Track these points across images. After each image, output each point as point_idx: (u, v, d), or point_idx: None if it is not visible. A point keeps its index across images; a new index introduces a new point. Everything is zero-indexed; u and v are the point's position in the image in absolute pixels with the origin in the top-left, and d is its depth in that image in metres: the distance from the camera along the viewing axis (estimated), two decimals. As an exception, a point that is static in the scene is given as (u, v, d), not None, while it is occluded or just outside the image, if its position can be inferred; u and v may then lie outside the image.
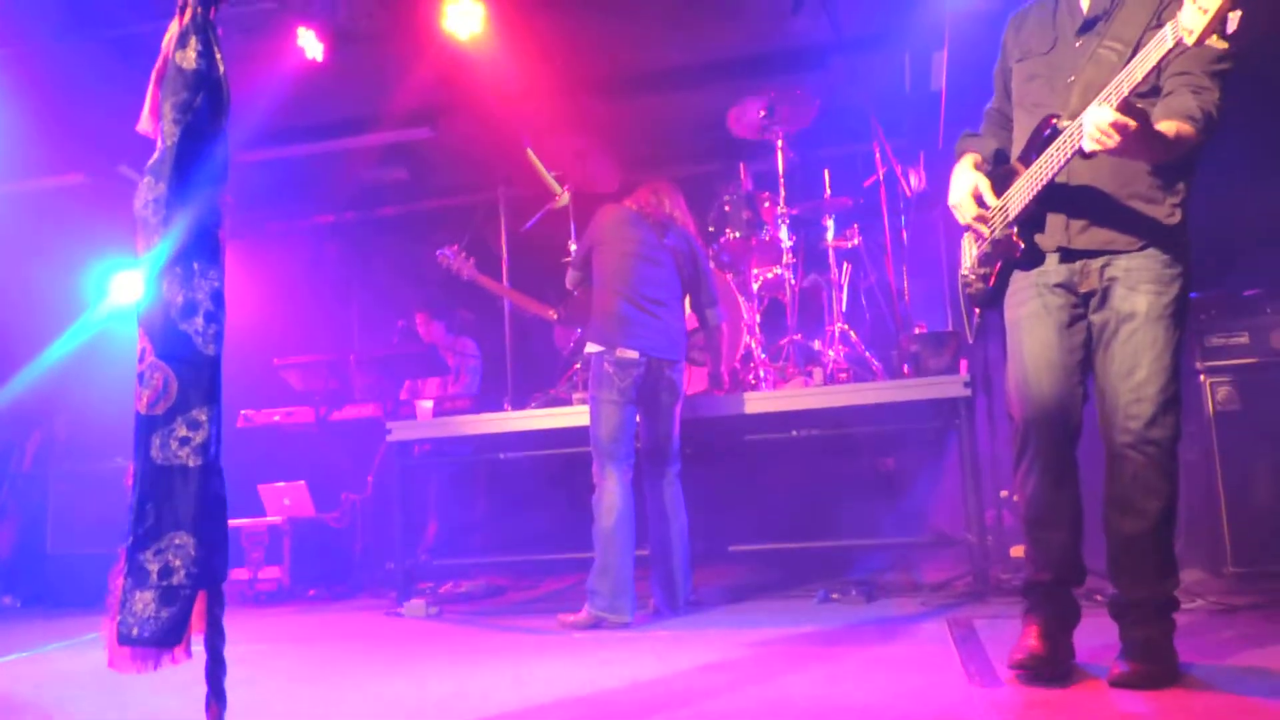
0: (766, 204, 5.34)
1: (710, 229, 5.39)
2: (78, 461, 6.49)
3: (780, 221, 5.25)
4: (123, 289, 7.03)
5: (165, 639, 2.00)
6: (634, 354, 4.03)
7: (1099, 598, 3.27)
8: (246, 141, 6.21)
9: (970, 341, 2.98)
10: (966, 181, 2.71)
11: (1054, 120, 2.49)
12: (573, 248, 5.14)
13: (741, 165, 5.59)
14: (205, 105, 2.26)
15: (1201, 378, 4.13)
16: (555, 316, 4.92)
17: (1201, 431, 4.12)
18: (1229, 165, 3.53)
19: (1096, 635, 2.67)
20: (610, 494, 3.98)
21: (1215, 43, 2.02)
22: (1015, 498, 2.82)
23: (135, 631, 2.00)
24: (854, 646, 3.25)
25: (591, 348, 4.11)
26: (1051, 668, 2.49)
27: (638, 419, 4.17)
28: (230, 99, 2.33)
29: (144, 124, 2.34)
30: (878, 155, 5.57)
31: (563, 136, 5.75)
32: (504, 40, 5.58)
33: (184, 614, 2.03)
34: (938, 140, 5.74)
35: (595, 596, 3.90)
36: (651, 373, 4.08)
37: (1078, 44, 2.58)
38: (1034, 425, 2.60)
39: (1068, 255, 2.56)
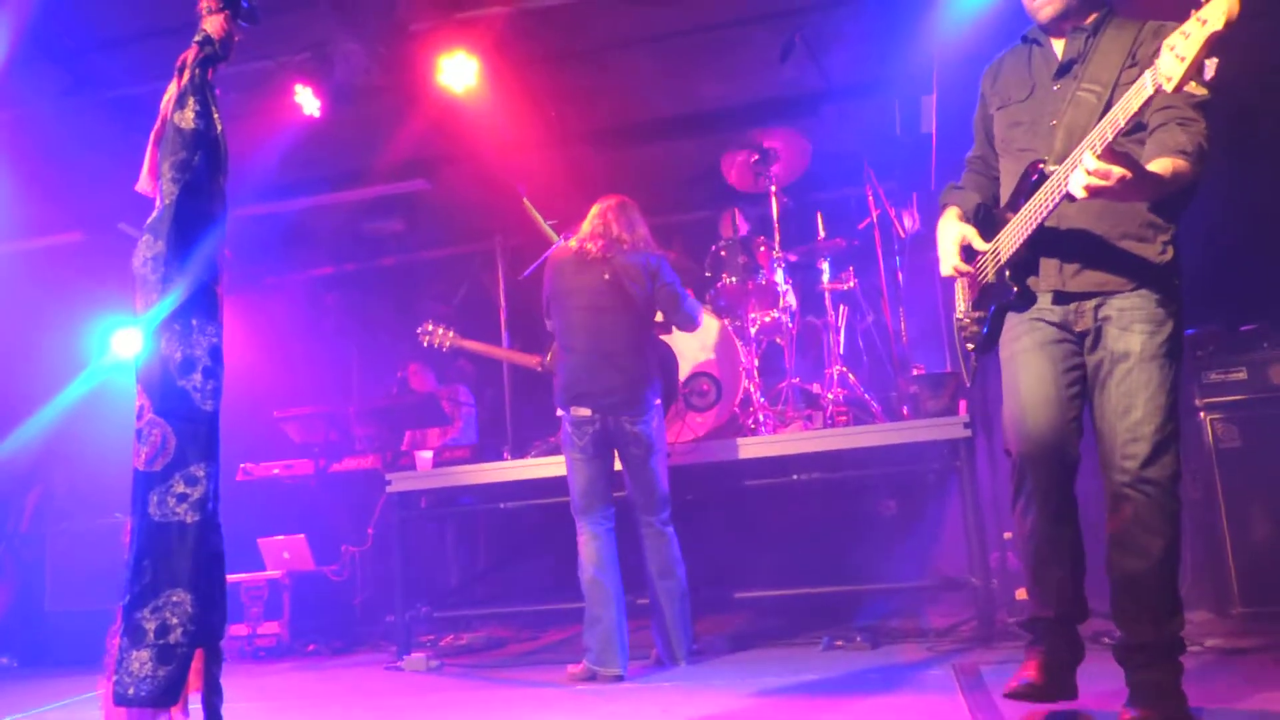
0: (762, 248, 5.38)
1: (707, 274, 5.42)
2: (76, 518, 6.46)
3: (776, 265, 5.28)
4: (122, 346, 7.04)
5: (162, 699, 1.99)
6: (586, 412, 4.00)
7: (1106, 640, 3.24)
8: (245, 196, 6.27)
9: (968, 384, 2.98)
10: (953, 233, 2.75)
11: (1040, 165, 2.52)
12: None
13: (736, 211, 5.64)
14: (203, 164, 2.30)
15: (1201, 415, 4.12)
16: (540, 366, 4.93)
17: (1203, 469, 4.10)
18: (1221, 197, 3.56)
19: (1103, 680, 2.64)
20: (585, 547, 4.01)
21: (1194, 89, 2.05)
22: (1009, 535, 2.82)
23: (132, 691, 1.99)
24: (859, 696, 3.21)
25: (559, 409, 4.12)
26: (1048, 697, 2.46)
27: (620, 469, 4.14)
28: (228, 157, 2.36)
29: (143, 183, 2.37)
30: (871, 198, 5.62)
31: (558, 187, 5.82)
32: (498, 93, 5.66)
33: (181, 673, 2.01)
34: (930, 181, 5.80)
35: (587, 650, 3.89)
36: (608, 429, 4.00)
37: (1056, 88, 2.62)
38: (1030, 460, 2.60)
39: (1061, 298, 2.57)
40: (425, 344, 5.12)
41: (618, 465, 4.15)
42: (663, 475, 4.09)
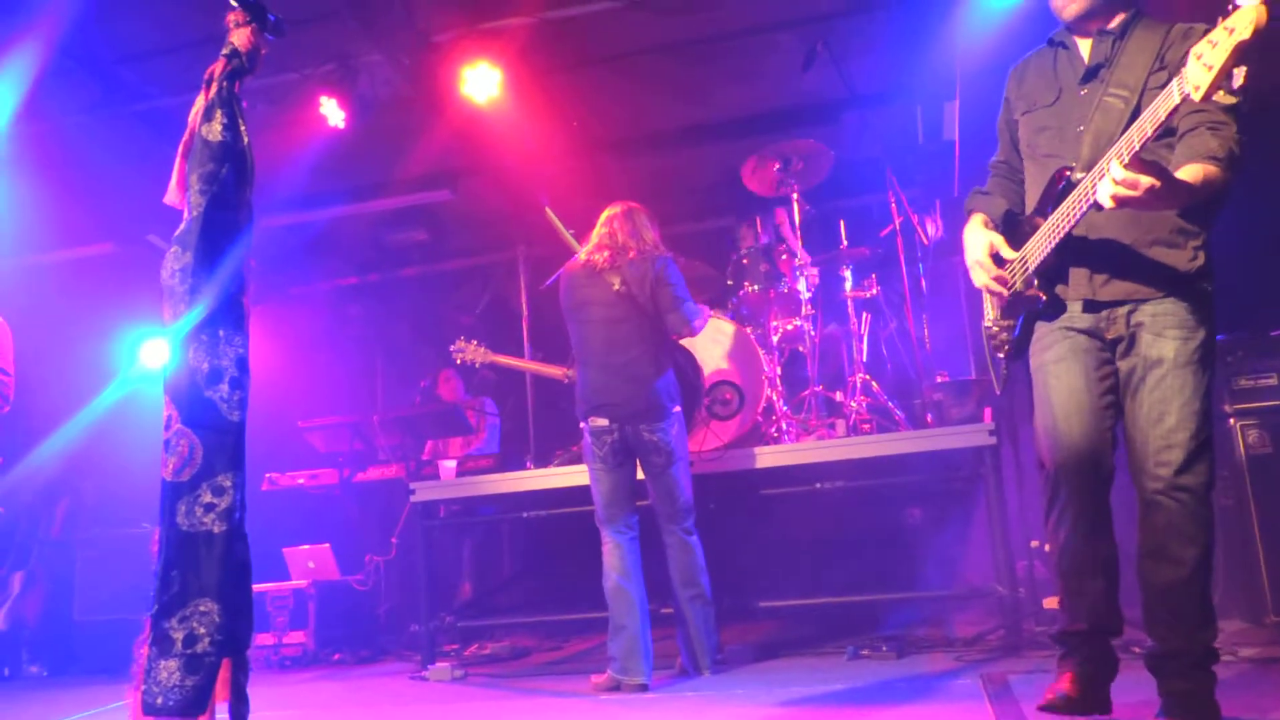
0: (784, 256, 5.36)
1: (729, 282, 5.41)
2: (105, 527, 6.52)
3: (798, 273, 5.27)
4: (151, 356, 7.12)
5: (190, 708, 2.00)
6: (604, 422, 4.02)
7: (1136, 650, 3.20)
8: (271, 207, 6.33)
9: (998, 392, 2.95)
10: (981, 240, 2.71)
11: (1067, 173, 2.49)
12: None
13: (758, 219, 5.63)
14: (230, 176, 2.32)
15: (1231, 421, 4.07)
16: (565, 377, 4.94)
17: (1234, 476, 4.05)
18: (1254, 204, 3.52)
19: (1135, 690, 2.60)
20: (609, 556, 4.03)
21: (1222, 98, 2.02)
22: (1047, 547, 2.77)
23: (160, 701, 2.00)
24: (886, 705, 3.19)
25: (580, 421, 4.14)
26: (1081, 710, 2.43)
27: (642, 477, 4.14)
28: (254, 169, 2.38)
29: (171, 195, 2.39)
30: (893, 205, 5.60)
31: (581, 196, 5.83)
32: (521, 103, 5.69)
33: (208, 682, 2.02)
34: (953, 188, 5.78)
35: (612, 660, 3.88)
36: (627, 438, 4.01)
37: (1082, 93, 2.58)
38: (1064, 472, 2.55)
39: (1092, 305, 2.54)
40: (458, 361, 5.14)
41: (640, 474, 4.14)
42: (685, 483, 4.07)
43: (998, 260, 2.68)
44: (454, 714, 3.73)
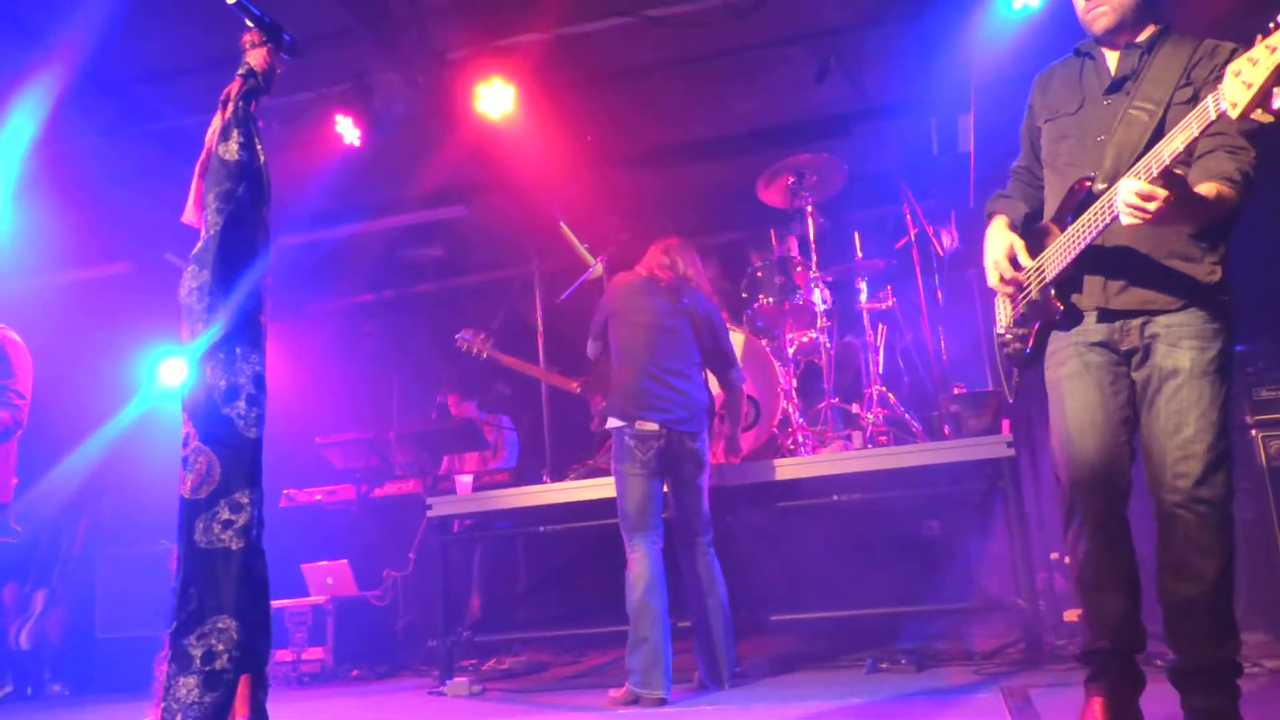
0: (799, 268, 5.36)
1: (743, 295, 5.41)
2: (125, 544, 6.56)
3: (813, 285, 5.26)
4: (169, 374, 7.17)
5: (209, 725, 2.00)
6: (654, 426, 3.99)
7: (1159, 663, 3.16)
8: (287, 224, 6.39)
9: (1010, 401, 2.93)
10: (1003, 241, 2.69)
11: (1088, 183, 2.48)
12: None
13: (772, 231, 5.63)
14: (247, 194, 2.34)
15: (1253, 432, 4.03)
16: (578, 388, 4.93)
17: (1256, 487, 4.01)
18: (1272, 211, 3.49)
19: (1159, 703, 2.57)
20: (638, 565, 3.95)
21: (1260, 116, 2.00)
22: (1067, 559, 2.74)
23: (179, 718, 2.00)
24: (905, 719, 3.16)
25: (613, 422, 4.11)
26: None
27: (665, 490, 4.14)
28: (271, 187, 2.40)
29: (188, 215, 2.42)
30: (908, 217, 5.59)
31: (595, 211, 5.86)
32: (535, 119, 5.72)
33: (227, 699, 2.03)
34: (968, 200, 5.75)
35: (631, 673, 3.85)
36: (672, 444, 4.02)
37: (1106, 103, 2.57)
38: (1081, 487, 2.53)
39: (1106, 315, 2.52)
40: (463, 349, 5.16)
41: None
42: (705, 495, 4.11)
43: (1015, 264, 2.67)
44: (471, 730, 3.72)
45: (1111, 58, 2.61)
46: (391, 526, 6.43)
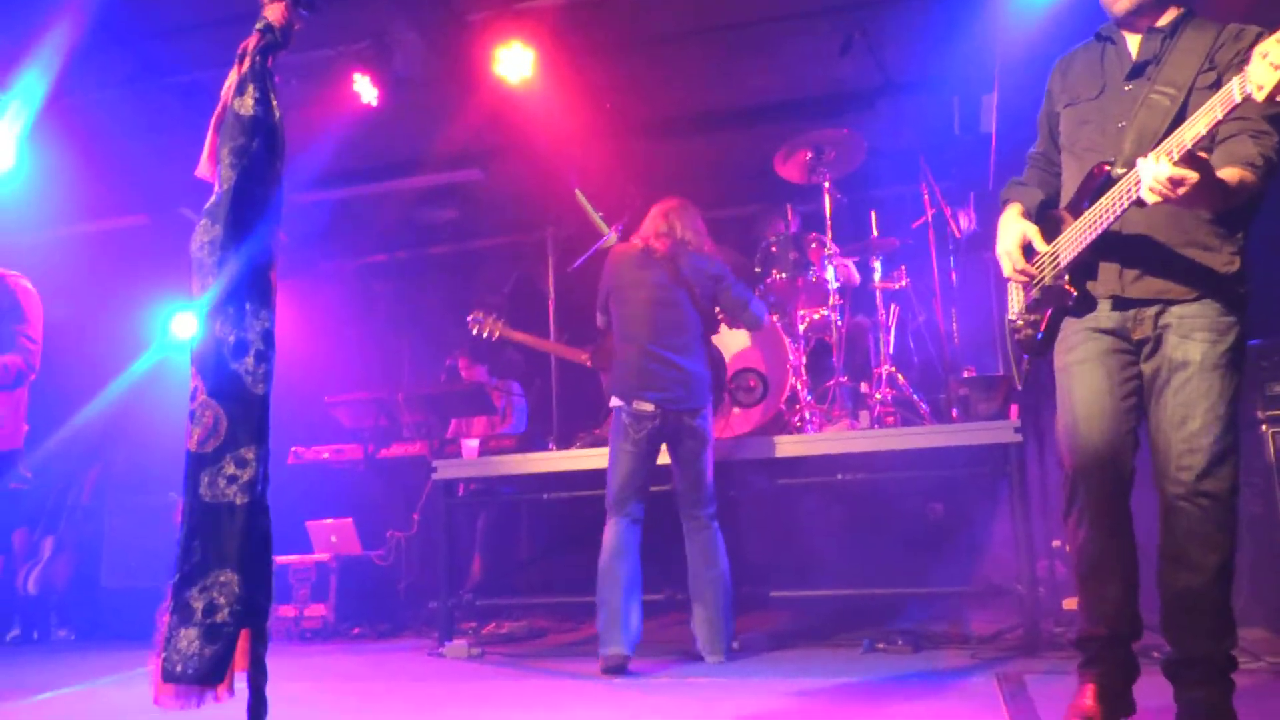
0: (813, 245, 5.32)
1: (756, 269, 5.38)
2: (134, 495, 6.62)
3: (827, 262, 5.23)
4: (181, 327, 7.20)
5: (208, 677, 2.02)
6: (650, 407, 4.00)
7: (1155, 655, 3.17)
8: (302, 183, 6.36)
9: (1019, 388, 2.92)
10: (1015, 230, 2.67)
11: (1107, 167, 2.45)
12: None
13: (788, 206, 5.60)
14: (261, 150, 2.32)
15: (1263, 428, 3.99)
16: (588, 361, 4.93)
17: (1264, 483, 3.98)
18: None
19: (1152, 696, 2.57)
20: (608, 534, 4.05)
21: None
22: (1068, 547, 2.74)
23: (179, 669, 2.02)
24: (900, 700, 3.18)
25: (613, 400, 4.12)
26: None
27: (670, 463, 4.15)
28: (286, 144, 2.38)
29: (202, 168, 2.40)
30: (926, 197, 5.54)
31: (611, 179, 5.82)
32: (553, 85, 5.68)
33: (227, 652, 2.04)
34: (988, 181, 5.70)
35: (599, 636, 3.93)
36: (669, 423, 4.03)
37: (1127, 88, 2.54)
38: (1083, 474, 2.53)
39: (1120, 303, 2.50)
40: (474, 332, 5.15)
41: (663, 459, 4.14)
42: (711, 470, 4.12)
43: (1029, 251, 2.65)
44: (469, 691, 3.76)
45: (1133, 42, 2.57)
46: (397, 487, 6.47)
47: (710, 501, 4.12)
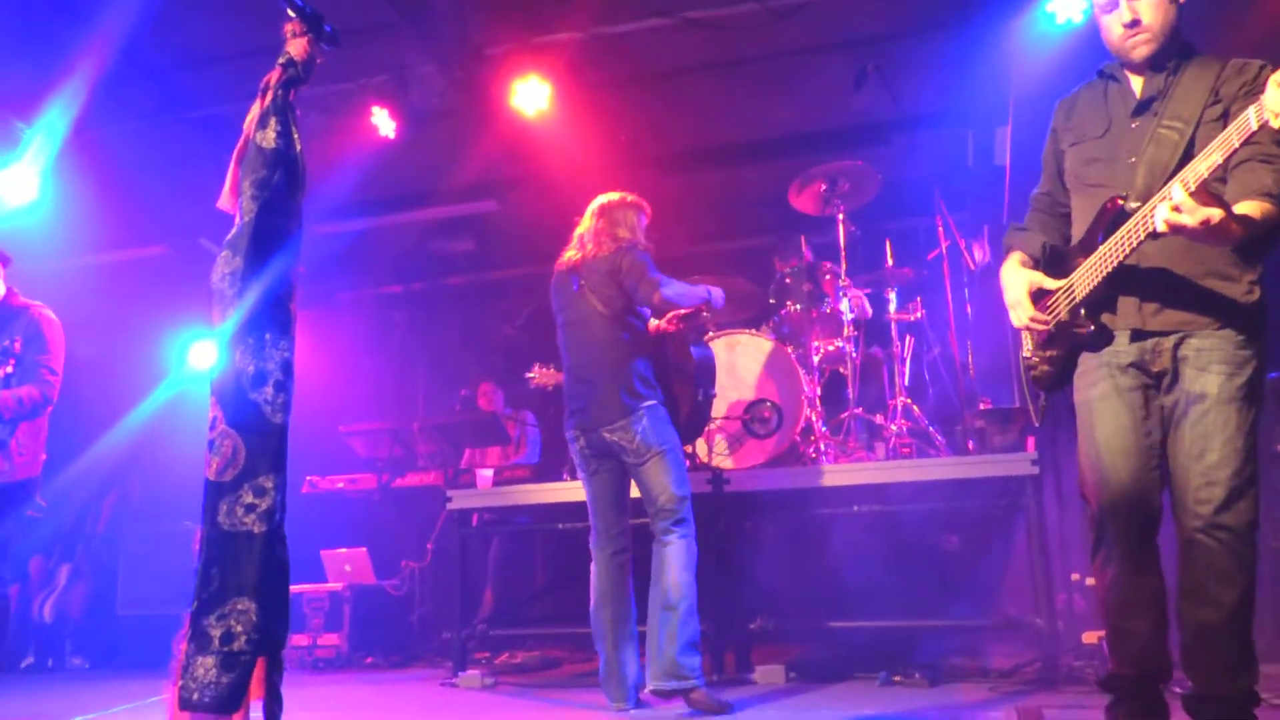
0: (828, 276, 5.33)
1: (771, 301, 5.39)
2: (149, 523, 6.65)
3: (841, 294, 5.23)
4: (199, 358, 7.26)
5: (225, 705, 2.02)
6: (573, 430, 3.90)
7: (1176, 690, 3.13)
8: (321, 213, 6.44)
9: (1036, 424, 2.89)
10: (1021, 280, 2.66)
11: (1120, 201, 2.45)
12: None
13: (802, 237, 5.61)
14: (282, 182, 2.36)
15: (1283, 460, 3.97)
16: None
17: (1284, 516, 3.95)
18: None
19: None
20: (591, 579, 3.88)
21: None
22: (1089, 580, 2.71)
23: (196, 697, 2.03)
24: (917, 733, 3.14)
25: None
26: None
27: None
28: (306, 177, 2.42)
29: (224, 200, 2.44)
30: (941, 229, 5.55)
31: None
32: (570, 118, 5.74)
33: (243, 680, 2.05)
34: (1002, 214, 5.70)
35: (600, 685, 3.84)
36: (594, 444, 3.83)
37: (1134, 125, 2.54)
38: (1110, 512, 2.48)
39: (1139, 335, 2.49)
40: (533, 386, 5.03)
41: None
42: (663, 479, 3.69)
43: (1039, 296, 2.64)
44: (482, 723, 3.74)
45: (1136, 81, 2.58)
46: (411, 517, 6.48)
47: (667, 515, 3.68)
